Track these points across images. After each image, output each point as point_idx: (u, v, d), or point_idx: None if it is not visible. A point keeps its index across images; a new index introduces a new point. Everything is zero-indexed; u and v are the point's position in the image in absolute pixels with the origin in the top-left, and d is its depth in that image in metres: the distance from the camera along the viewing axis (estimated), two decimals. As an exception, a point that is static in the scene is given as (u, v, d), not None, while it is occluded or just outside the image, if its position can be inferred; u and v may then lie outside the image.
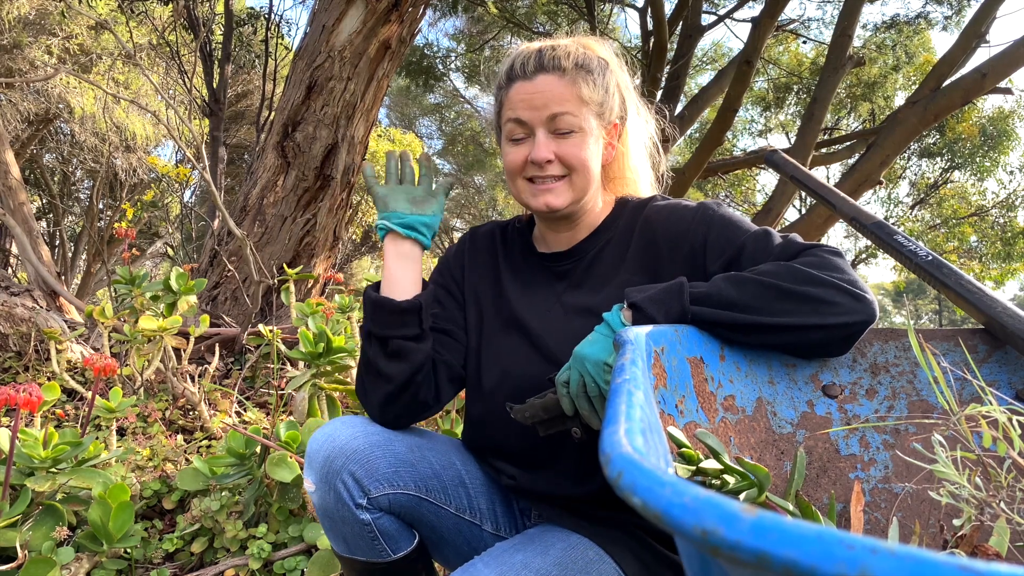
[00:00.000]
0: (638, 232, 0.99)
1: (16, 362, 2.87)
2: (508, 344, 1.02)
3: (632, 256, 0.98)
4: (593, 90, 0.96)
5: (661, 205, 1.01)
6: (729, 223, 0.93)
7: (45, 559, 1.28)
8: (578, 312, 0.97)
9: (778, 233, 0.89)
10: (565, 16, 9.50)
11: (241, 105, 11.00)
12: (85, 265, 10.44)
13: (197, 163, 3.70)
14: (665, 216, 0.98)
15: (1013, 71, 5.18)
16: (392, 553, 0.97)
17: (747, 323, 0.76)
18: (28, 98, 7.93)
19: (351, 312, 2.38)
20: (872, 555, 0.21)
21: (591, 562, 0.89)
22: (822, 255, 0.81)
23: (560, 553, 0.88)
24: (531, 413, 0.84)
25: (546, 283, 1.04)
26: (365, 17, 3.78)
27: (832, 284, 0.75)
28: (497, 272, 1.10)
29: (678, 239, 0.94)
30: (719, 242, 0.90)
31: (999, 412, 0.58)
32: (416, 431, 1.06)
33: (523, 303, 1.04)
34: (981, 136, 10.52)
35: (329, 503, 0.94)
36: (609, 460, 0.33)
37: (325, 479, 0.94)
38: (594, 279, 1.00)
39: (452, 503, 1.01)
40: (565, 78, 0.95)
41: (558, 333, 0.97)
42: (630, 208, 1.04)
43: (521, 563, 0.85)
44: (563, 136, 0.96)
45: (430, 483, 0.99)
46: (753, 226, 0.92)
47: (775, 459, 0.75)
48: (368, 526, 0.94)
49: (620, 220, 1.03)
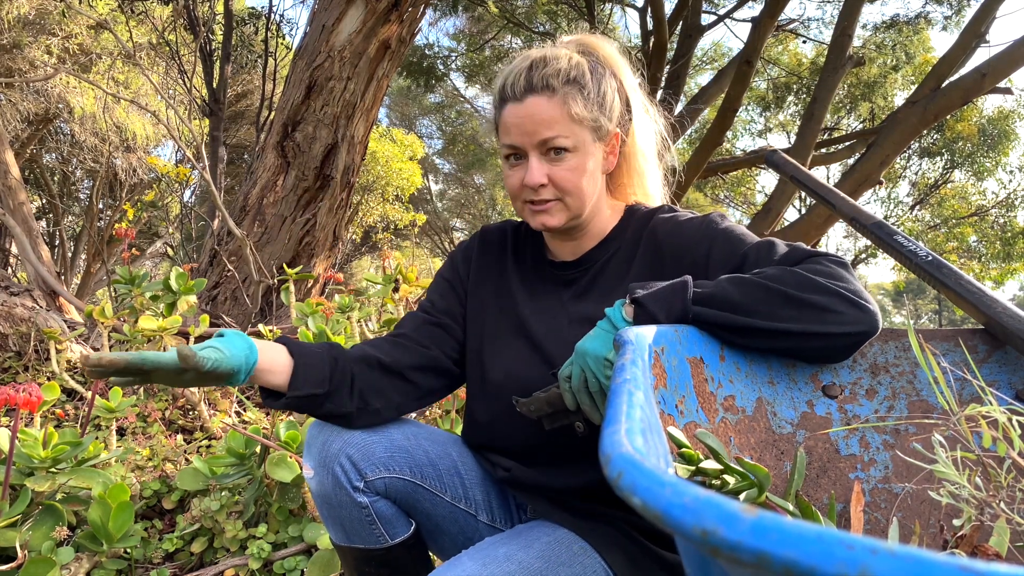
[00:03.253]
0: (643, 244, 0.99)
1: (16, 362, 2.87)
2: (512, 347, 1.03)
3: (636, 268, 0.98)
4: (586, 106, 0.94)
5: (667, 217, 1.00)
6: (732, 236, 0.92)
7: (45, 559, 1.28)
8: (582, 322, 0.97)
9: (784, 241, 0.89)
10: (565, 16, 9.50)
11: (241, 105, 11.00)
12: (85, 265, 10.44)
13: (197, 163, 3.70)
14: (670, 229, 0.98)
15: (1013, 71, 5.18)
16: (390, 539, 0.99)
17: (748, 326, 0.75)
18: (28, 98, 7.93)
19: (351, 312, 2.38)
20: (872, 555, 0.21)
21: (575, 556, 0.90)
22: (828, 264, 0.80)
23: (544, 547, 0.89)
24: (536, 407, 0.85)
25: (553, 291, 1.05)
26: (365, 17, 3.78)
27: (836, 293, 0.75)
28: (505, 274, 1.11)
29: (681, 252, 0.94)
30: (722, 255, 0.90)
31: (999, 412, 0.58)
32: (414, 424, 1.08)
33: (529, 308, 1.05)
34: (981, 136, 10.52)
35: (327, 487, 0.96)
36: (609, 460, 0.33)
37: (323, 463, 0.96)
38: (600, 289, 1.00)
39: (447, 491, 1.03)
40: (555, 98, 0.93)
41: (561, 341, 0.97)
42: (637, 218, 1.04)
43: (504, 556, 0.85)
44: (557, 158, 0.95)
45: (425, 470, 1.01)
46: (756, 238, 0.91)
47: (775, 459, 0.75)
48: (366, 509, 0.96)
49: (627, 231, 1.03)
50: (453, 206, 18.48)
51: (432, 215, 16.13)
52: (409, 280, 2.40)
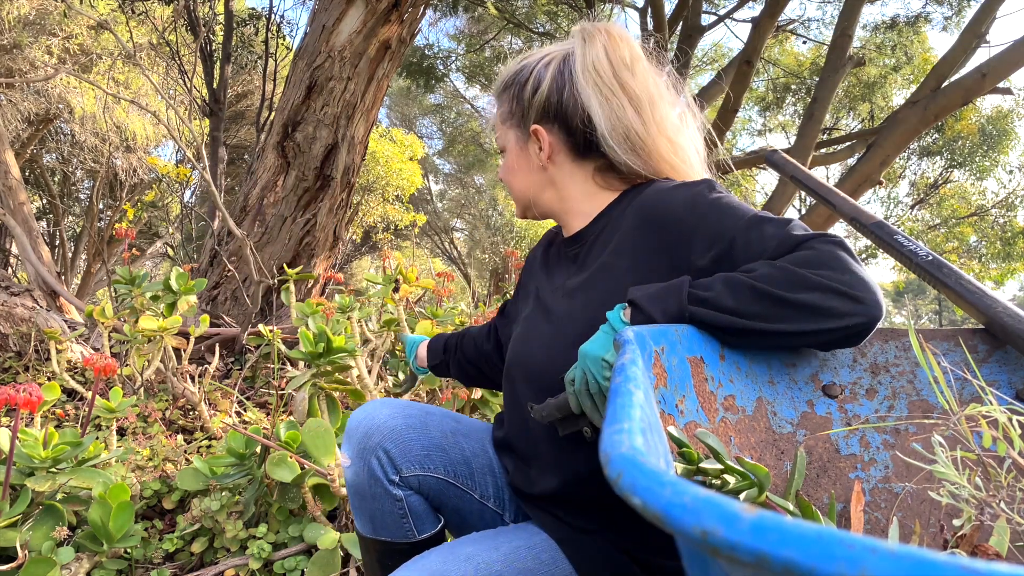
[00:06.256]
0: (632, 213, 0.94)
1: (16, 362, 2.87)
2: (522, 326, 1.04)
3: (618, 239, 0.94)
4: (511, 107, 1.04)
5: (656, 186, 0.95)
6: (720, 211, 0.85)
7: (45, 559, 1.28)
8: (567, 293, 0.97)
9: (775, 219, 0.82)
10: (565, 16, 9.50)
11: (241, 105, 11.00)
12: (85, 265, 10.44)
13: (197, 163, 3.70)
14: (654, 198, 0.92)
15: (1013, 71, 5.18)
16: (418, 533, 1.01)
17: (743, 328, 0.74)
18: (28, 98, 7.93)
19: (351, 312, 2.38)
20: (872, 555, 0.21)
21: (543, 564, 0.88)
22: (820, 247, 0.75)
23: (512, 551, 0.88)
24: (547, 413, 0.85)
25: (564, 267, 1.06)
26: (365, 17, 3.78)
27: (826, 287, 0.71)
28: (538, 261, 1.15)
29: (663, 223, 0.88)
30: (708, 234, 0.84)
31: (999, 412, 0.58)
32: (454, 417, 1.10)
33: (544, 285, 1.06)
34: (980, 136, 10.52)
35: (362, 478, 0.99)
36: (609, 460, 0.33)
37: (361, 454, 0.99)
38: (591, 260, 0.98)
39: (478, 489, 1.05)
40: (496, 104, 1.08)
41: (556, 311, 0.97)
42: (634, 190, 1.00)
43: (466, 555, 0.85)
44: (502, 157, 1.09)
45: (459, 469, 1.04)
46: (747, 211, 0.84)
47: (775, 459, 0.75)
48: (400, 502, 0.99)
49: (623, 202, 1.00)
50: (453, 206, 18.48)
51: (432, 215, 16.14)
52: (409, 280, 2.40)
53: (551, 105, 1.00)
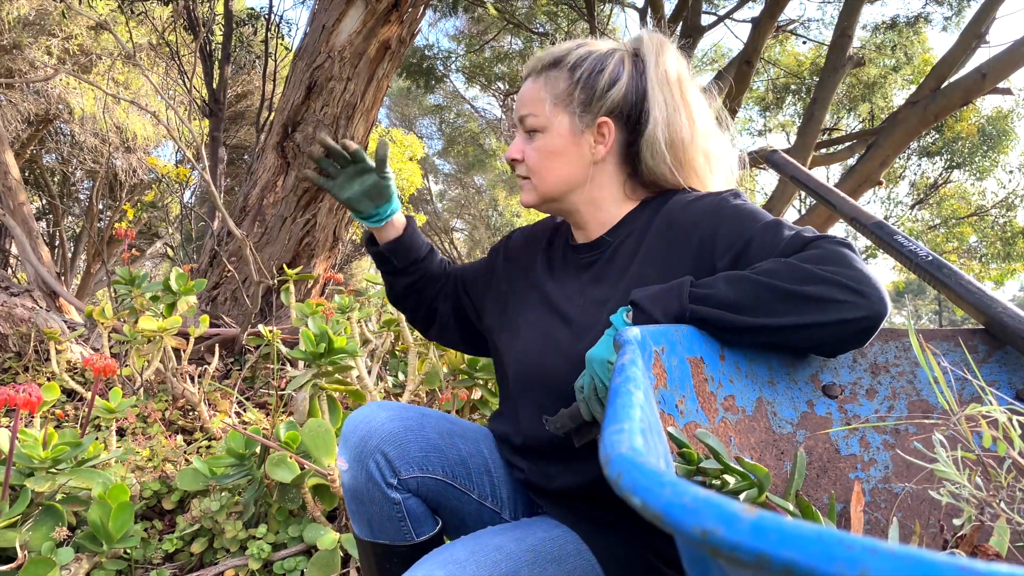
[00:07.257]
0: (657, 223, 0.96)
1: (16, 362, 2.87)
2: (529, 328, 1.04)
3: (646, 248, 0.95)
4: (567, 84, 0.99)
5: (682, 196, 0.97)
6: (741, 215, 0.88)
7: (45, 559, 1.28)
8: (596, 304, 0.96)
9: (790, 225, 0.85)
10: (565, 16, 9.50)
11: (241, 105, 10.99)
12: (85, 265, 10.44)
13: (197, 163, 3.70)
14: (681, 207, 0.95)
15: (1013, 71, 5.18)
16: (416, 536, 1.01)
17: (745, 325, 0.74)
18: (28, 98, 7.92)
19: (351, 312, 2.38)
20: (872, 555, 0.21)
21: (567, 555, 0.90)
22: (827, 247, 0.77)
23: (537, 542, 0.90)
24: (561, 423, 0.84)
25: (574, 273, 1.05)
26: (365, 17, 3.78)
27: (832, 281, 0.72)
28: (535, 259, 1.13)
29: (690, 229, 0.91)
30: (728, 236, 0.87)
31: (999, 412, 0.58)
32: (449, 419, 1.10)
33: (552, 288, 1.05)
34: (980, 136, 10.52)
35: (360, 482, 0.98)
36: (609, 460, 0.33)
37: (359, 458, 0.98)
38: (614, 272, 0.98)
39: (475, 490, 1.05)
40: (539, 80, 1.01)
41: (580, 321, 0.96)
42: (657, 200, 1.01)
43: (495, 546, 0.86)
44: (531, 137, 1.01)
45: (456, 469, 1.03)
46: (767, 217, 0.87)
47: (775, 459, 0.75)
48: (398, 506, 0.98)
49: (645, 212, 1.01)
50: (453, 207, 18.47)
51: (432, 216, 16.13)
52: (409, 280, 2.39)
53: (627, 104, 0.99)
